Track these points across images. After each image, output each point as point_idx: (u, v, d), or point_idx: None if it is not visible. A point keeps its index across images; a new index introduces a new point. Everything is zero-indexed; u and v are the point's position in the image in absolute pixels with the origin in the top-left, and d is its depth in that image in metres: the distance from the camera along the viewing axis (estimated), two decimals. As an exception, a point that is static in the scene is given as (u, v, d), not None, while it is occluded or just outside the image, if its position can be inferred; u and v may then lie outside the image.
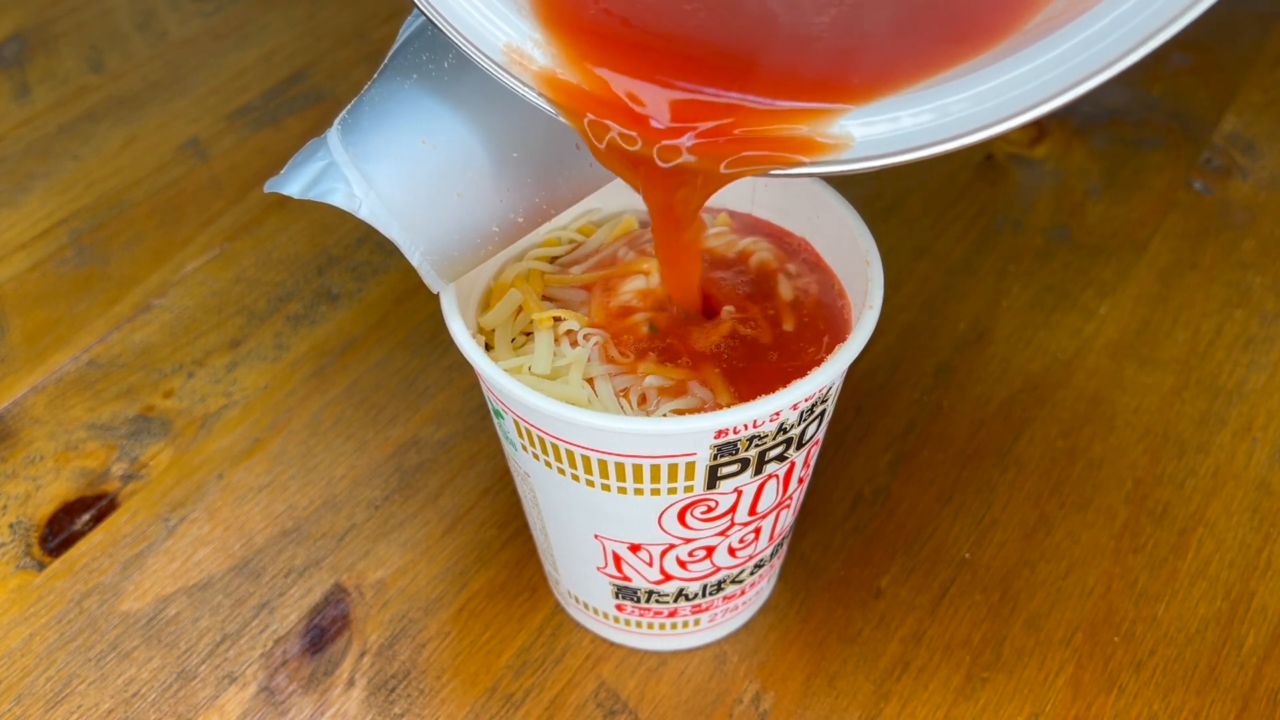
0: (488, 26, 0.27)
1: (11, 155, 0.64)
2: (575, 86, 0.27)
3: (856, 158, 0.26)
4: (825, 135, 0.26)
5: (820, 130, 0.26)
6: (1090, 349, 0.52)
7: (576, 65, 0.27)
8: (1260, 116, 0.63)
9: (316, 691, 0.41)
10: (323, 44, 0.71)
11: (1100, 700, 0.41)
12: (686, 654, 0.42)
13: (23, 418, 0.50)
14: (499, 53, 0.27)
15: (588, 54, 0.27)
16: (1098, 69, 0.23)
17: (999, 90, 0.24)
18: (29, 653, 0.43)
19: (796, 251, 0.38)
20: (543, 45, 0.27)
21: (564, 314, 0.35)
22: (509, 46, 0.27)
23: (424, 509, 0.47)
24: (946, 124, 0.25)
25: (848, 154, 0.26)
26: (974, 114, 0.25)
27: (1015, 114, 0.24)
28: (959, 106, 0.25)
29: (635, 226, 0.39)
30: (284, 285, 0.56)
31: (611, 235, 0.39)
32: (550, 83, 0.27)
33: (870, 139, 0.26)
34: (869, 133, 0.26)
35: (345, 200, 0.31)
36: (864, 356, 0.51)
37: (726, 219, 0.39)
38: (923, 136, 0.25)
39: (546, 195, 0.33)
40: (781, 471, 0.35)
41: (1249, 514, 0.46)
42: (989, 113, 0.24)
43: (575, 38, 0.27)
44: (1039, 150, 0.62)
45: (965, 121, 0.25)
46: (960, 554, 0.45)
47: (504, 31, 0.27)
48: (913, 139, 0.25)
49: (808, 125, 0.26)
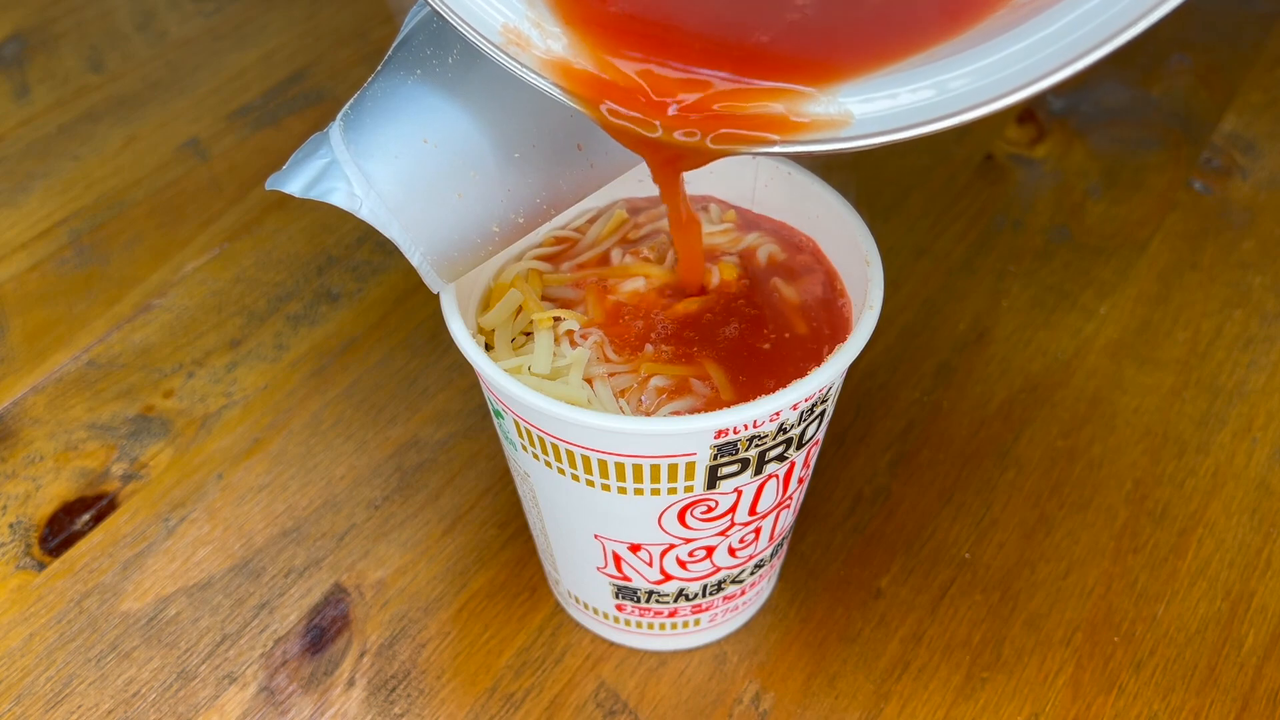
0: (485, 7, 0.27)
1: (11, 155, 0.64)
2: (583, 72, 0.27)
3: (856, 135, 0.26)
4: (821, 114, 0.26)
5: (799, 109, 0.26)
6: (1090, 349, 0.52)
7: (589, 50, 0.27)
8: (1260, 116, 0.63)
9: (316, 691, 0.41)
10: (323, 44, 0.71)
11: (1100, 700, 0.41)
12: (686, 654, 0.42)
13: (23, 418, 0.50)
14: (497, 34, 0.27)
15: (598, 38, 0.27)
16: (1096, 43, 0.23)
17: (998, 66, 0.24)
18: (29, 653, 0.43)
19: (802, 248, 0.38)
20: (541, 26, 0.27)
21: (564, 314, 0.35)
22: (507, 27, 0.27)
23: (424, 509, 0.47)
24: (946, 100, 0.25)
25: (847, 131, 0.26)
26: (974, 89, 0.24)
27: (1015, 89, 0.24)
28: (958, 82, 0.25)
29: (625, 218, 0.39)
30: (284, 285, 0.56)
31: (605, 230, 0.39)
32: (557, 68, 0.27)
33: (870, 116, 0.25)
34: (868, 110, 0.26)
35: (346, 200, 0.31)
36: (864, 356, 0.51)
37: (734, 216, 0.39)
38: (922, 113, 0.25)
39: (547, 195, 0.33)
40: (781, 471, 0.35)
41: (1249, 514, 0.46)
42: (989, 88, 0.24)
43: (587, 25, 0.27)
44: (1039, 150, 0.62)
45: (965, 97, 0.24)
46: (960, 554, 0.45)
47: (501, 12, 0.27)
48: (912, 115, 0.25)
49: (784, 103, 0.26)
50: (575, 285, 0.37)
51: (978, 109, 0.24)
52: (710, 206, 0.40)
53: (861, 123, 0.26)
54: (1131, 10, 0.22)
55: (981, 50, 0.25)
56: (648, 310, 0.36)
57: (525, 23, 0.27)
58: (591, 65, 0.27)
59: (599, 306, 0.36)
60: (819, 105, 0.26)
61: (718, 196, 0.40)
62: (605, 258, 0.38)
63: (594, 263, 0.38)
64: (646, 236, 0.39)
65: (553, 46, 0.27)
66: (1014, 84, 0.24)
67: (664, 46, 0.27)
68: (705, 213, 0.39)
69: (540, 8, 0.28)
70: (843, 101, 0.26)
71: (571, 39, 0.27)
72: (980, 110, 0.24)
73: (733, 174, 0.40)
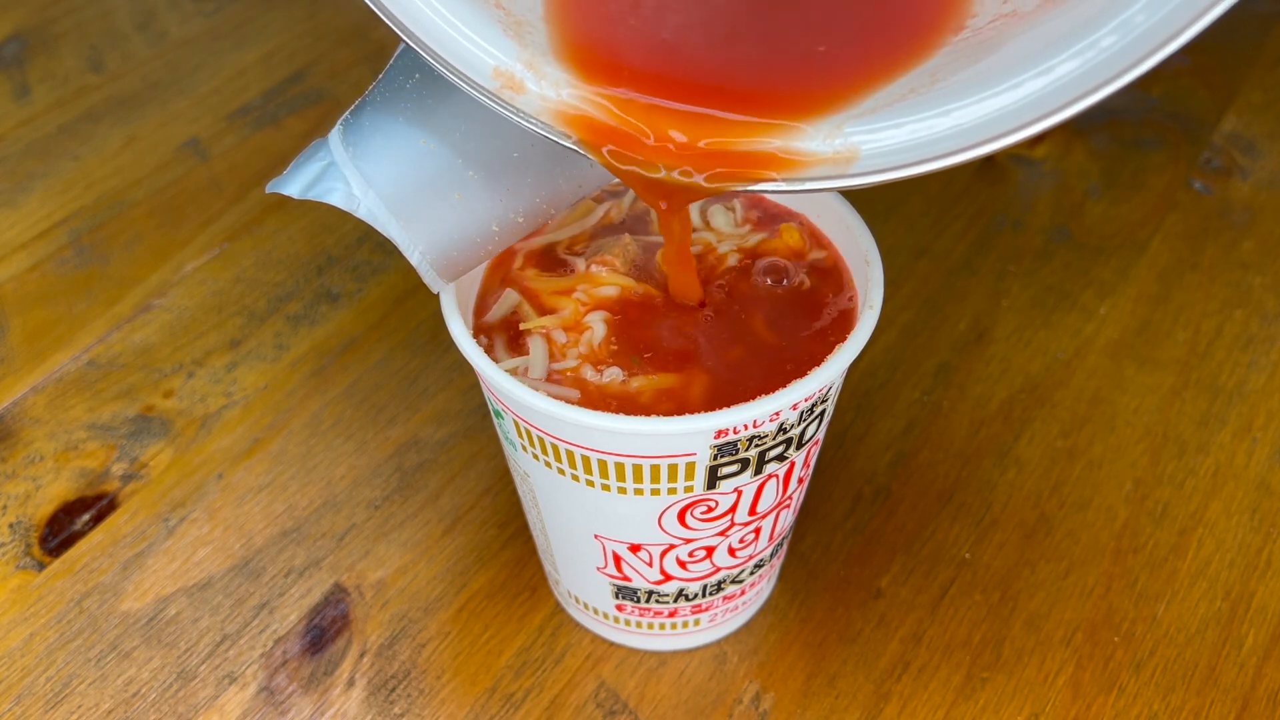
0: (475, 52, 0.27)
1: (11, 155, 0.64)
2: (581, 117, 0.27)
3: (863, 171, 0.25)
4: (822, 151, 0.25)
5: (794, 146, 0.25)
6: (1090, 349, 0.52)
7: (585, 86, 0.27)
8: (1260, 116, 0.63)
9: (316, 691, 0.41)
10: (323, 44, 0.71)
11: (1100, 700, 0.41)
12: (686, 654, 0.42)
13: (23, 418, 0.50)
14: (489, 78, 0.27)
15: (593, 74, 0.27)
16: (1114, 75, 0.22)
17: (1014, 92, 0.23)
18: (29, 653, 0.43)
19: (822, 244, 0.38)
20: (534, 67, 0.27)
21: (549, 323, 0.35)
22: (499, 70, 0.27)
23: (424, 509, 0.47)
24: (961, 130, 0.24)
25: (854, 167, 0.25)
26: (990, 119, 0.24)
27: (1039, 118, 0.23)
28: (968, 114, 0.24)
29: (593, 207, 0.39)
30: (284, 285, 0.56)
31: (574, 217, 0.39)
32: (555, 114, 0.27)
33: (877, 151, 0.25)
34: (875, 145, 0.25)
35: (344, 200, 0.31)
36: (864, 356, 0.51)
37: (754, 215, 0.39)
38: (935, 145, 0.24)
39: (547, 194, 0.33)
40: (781, 471, 0.35)
41: (1249, 514, 0.46)
42: (1007, 117, 0.23)
43: (582, 62, 0.27)
44: (1039, 150, 0.62)
45: (982, 128, 0.24)
46: (960, 554, 0.45)
47: (492, 55, 0.27)
48: (923, 148, 0.24)
49: (778, 139, 0.26)
50: (561, 293, 0.37)
51: (998, 140, 0.23)
52: (736, 205, 0.39)
53: (869, 158, 0.25)
54: (1151, 39, 0.21)
55: (998, 74, 0.24)
56: (643, 314, 0.36)
57: (518, 65, 0.27)
58: (590, 109, 0.27)
59: (575, 316, 0.36)
60: (818, 142, 0.25)
61: None
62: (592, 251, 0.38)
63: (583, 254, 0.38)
64: (607, 238, 0.38)
65: (546, 93, 0.27)
66: (1037, 112, 0.23)
67: (658, 83, 0.27)
68: (732, 212, 0.39)
69: (534, 46, 0.27)
70: (848, 135, 0.25)
71: (568, 75, 0.27)
72: (1000, 142, 0.23)
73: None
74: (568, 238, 0.38)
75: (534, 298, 0.36)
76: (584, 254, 0.37)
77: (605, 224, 0.39)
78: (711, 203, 0.39)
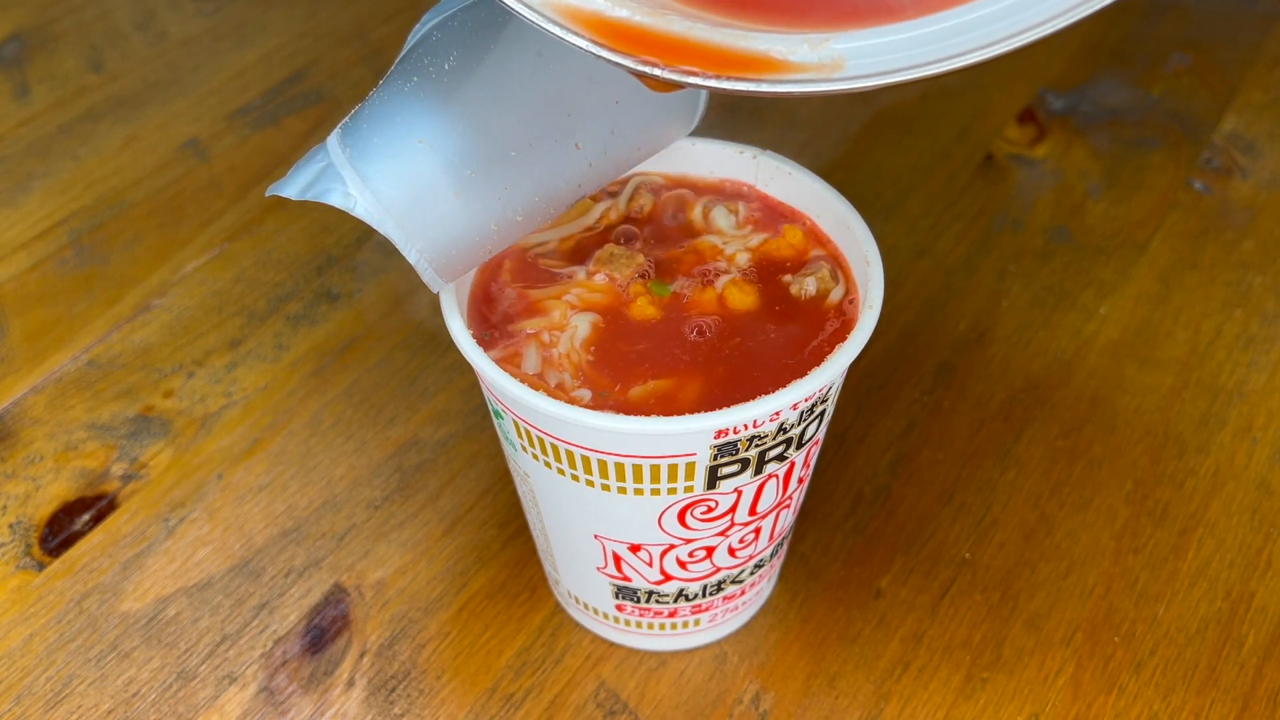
0: None
1: (11, 155, 0.64)
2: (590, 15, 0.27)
3: (849, 76, 0.25)
4: (813, 59, 0.25)
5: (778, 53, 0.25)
6: (1090, 349, 0.52)
7: None
8: (1260, 116, 0.63)
9: (316, 691, 0.41)
10: (323, 44, 0.71)
11: (1100, 700, 0.40)
12: (686, 654, 0.42)
13: (22, 418, 0.50)
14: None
15: None
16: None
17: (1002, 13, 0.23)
18: (29, 653, 0.43)
19: (824, 242, 0.38)
20: None
21: (538, 325, 0.35)
22: None
23: (424, 509, 0.47)
24: (947, 44, 0.24)
25: (839, 74, 0.25)
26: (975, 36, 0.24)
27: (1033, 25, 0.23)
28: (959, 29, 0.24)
29: (591, 206, 0.39)
30: (284, 285, 0.56)
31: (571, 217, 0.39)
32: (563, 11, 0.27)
33: (862, 55, 0.25)
34: (860, 46, 0.25)
35: (341, 199, 0.31)
36: (864, 356, 0.51)
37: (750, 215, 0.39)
38: (922, 51, 0.24)
39: (545, 194, 0.33)
40: (781, 471, 0.35)
41: (1249, 514, 0.46)
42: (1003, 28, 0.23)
43: None
44: (1039, 150, 0.62)
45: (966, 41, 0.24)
46: (960, 554, 0.45)
47: None
48: (910, 52, 0.24)
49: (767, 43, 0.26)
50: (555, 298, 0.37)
51: (981, 51, 0.23)
52: (739, 206, 0.39)
53: (855, 65, 0.25)
54: None
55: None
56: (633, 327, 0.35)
57: None
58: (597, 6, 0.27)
59: (564, 319, 0.36)
60: (804, 51, 0.26)
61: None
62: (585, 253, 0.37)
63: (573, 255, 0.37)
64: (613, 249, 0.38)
65: None
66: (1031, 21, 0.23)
67: None
68: (734, 213, 0.39)
69: None
70: (833, 48, 0.25)
71: None
72: (991, 50, 0.23)
73: (733, 173, 0.40)
74: (574, 241, 0.38)
75: (531, 300, 0.36)
76: (587, 261, 0.37)
77: (611, 228, 0.39)
78: (714, 204, 0.39)
